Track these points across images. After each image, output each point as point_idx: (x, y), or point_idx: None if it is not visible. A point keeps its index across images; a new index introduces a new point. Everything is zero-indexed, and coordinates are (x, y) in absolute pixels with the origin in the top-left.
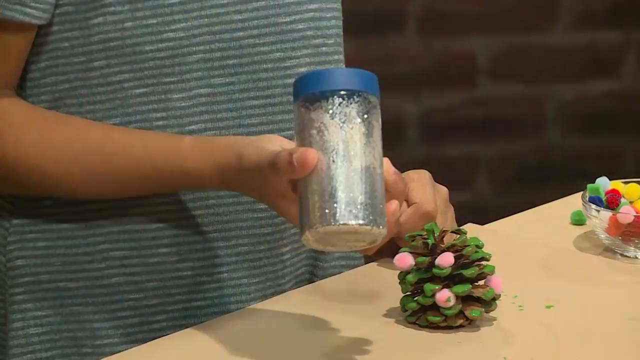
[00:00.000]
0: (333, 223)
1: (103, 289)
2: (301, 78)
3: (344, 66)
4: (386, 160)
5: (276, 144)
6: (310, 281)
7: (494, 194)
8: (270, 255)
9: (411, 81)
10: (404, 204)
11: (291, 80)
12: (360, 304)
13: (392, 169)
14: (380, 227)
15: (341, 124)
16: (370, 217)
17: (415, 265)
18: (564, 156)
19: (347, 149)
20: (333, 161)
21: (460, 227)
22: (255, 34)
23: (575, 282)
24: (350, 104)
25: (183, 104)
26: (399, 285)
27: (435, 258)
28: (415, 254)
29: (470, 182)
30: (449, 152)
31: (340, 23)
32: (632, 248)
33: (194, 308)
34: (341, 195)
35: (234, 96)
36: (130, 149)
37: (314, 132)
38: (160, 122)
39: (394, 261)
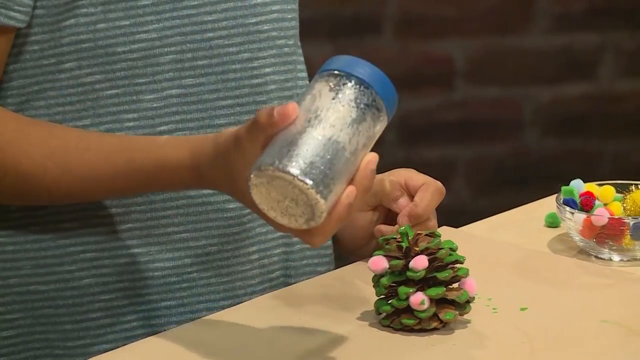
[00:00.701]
0: (282, 169)
1: (73, 290)
2: (332, 57)
3: (303, 67)
4: (373, 155)
5: None
6: (287, 283)
7: (472, 196)
8: (237, 254)
9: None
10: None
11: (258, 81)
12: (334, 308)
13: (372, 166)
14: (323, 200)
15: (334, 97)
16: (319, 185)
17: (389, 268)
18: (541, 158)
19: (327, 118)
20: (309, 121)
21: (434, 230)
22: (225, 35)
23: (549, 285)
24: (354, 89)
25: (154, 105)
26: (373, 289)
27: (409, 261)
28: (389, 257)
29: (448, 185)
30: (426, 154)
31: (298, 24)
32: (607, 250)
33: (164, 308)
34: (302, 150)
35: (204, 97)
36: (105, 144)
37: (309, 96)
38: (132, 123)
39: (368, 264)
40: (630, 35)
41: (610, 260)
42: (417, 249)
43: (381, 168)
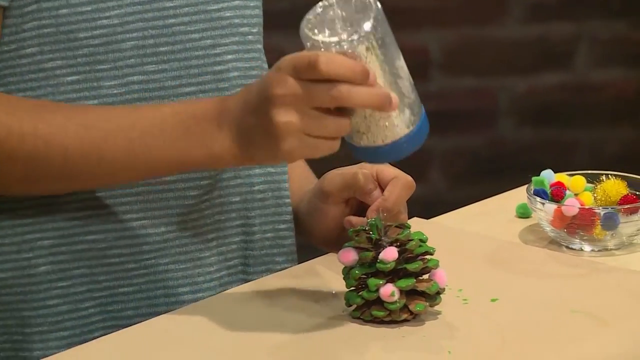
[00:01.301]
0: None
1: (31, 278)
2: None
3: (264, 58)
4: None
5: None
6: (245, 272)
7: (448, 187)
8: (196, 241)
9: None
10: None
11: (220, 67)
12: (304, 300)
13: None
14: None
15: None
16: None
17: (359, 260)
18: (517, 149)
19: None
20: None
21: (404, 222)
22: (187, 21)
23: (520, 275)
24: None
25: (115, 91)
26: (343, 281)
27: (379, 253)
28: (358, 249)
29: (424, 176)
30: None
31: (261, 13)
32: (577, 240)
33: (121, 294)
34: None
35: (166, 83)
36: (116, 116)
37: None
38: None
39: (338, 256)
40: (605, 25)
41: (581, 250)
42: (386, 240)
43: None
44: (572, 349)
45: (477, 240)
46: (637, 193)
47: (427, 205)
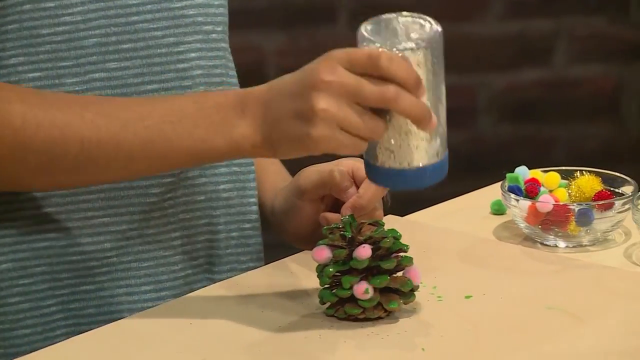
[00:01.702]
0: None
1: None
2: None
3: (230, 57)
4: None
5: None
6: (210, 271)
7: None
8: (159, 240)
9: None
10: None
11: (183, 65)
12: (279, 298)
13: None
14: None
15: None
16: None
17: (333, 258)
18: (496, 145)
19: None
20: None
21: (378, 219)
22: (150, 19)
23: (494, 272)
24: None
25: (77, 89)
26: (317, 278)
27: (353, 250)
28: (332, 246)
29: None
30: None
31: (226, 12)
32: (552, 237)
33: (83, 292)
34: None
35: (129, 80)
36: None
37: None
38: None
39: (312, 254)
40: (584, 21)
41: (556, 246)
42: (360, 238)
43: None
44: (547, 345)
45: (452, 237)
46: (612, 189)
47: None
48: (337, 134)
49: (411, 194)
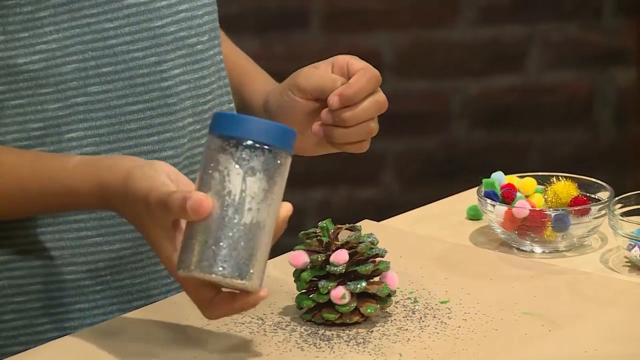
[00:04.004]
0: (209, 273)
1: None
2: (221, 114)
3: (221, 58)
4: (287, 206)
5: (164, 174)
6: None
7: (401, 190)
8: (151, 256)
9: None
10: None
11: (168, 83)
12: None
13: (287, 219)
14: (255, 285)
15: (244, 175)
16: (246, 274)
17: (309, 263)
18: (470, 151)
19: (243, 202)
20: (225, 211)
21: (355, 224)
22: (129, 40)
23: (471, 277)
24: (258, 156)
25: (60, 113)
26: (294, 283)
27: (330, 255)
28: (309, 251)
29: (377, 178)
30: None
31: (214, 17)
32: (528, 242)
33: (77, 311)
34: (223, 248)
35: (112, 103)
36: (18, 170)
37: (217, 174)
38: (38, 132)
39: (289, 259)
40: (557, 27)
41: (532, 252)
42: (337, 243)
43: (312, 162)
44: (524, 350)
45: (428, 242)
46: (588, 195)
47: (381, 207)
48: None
49: (385, 199)
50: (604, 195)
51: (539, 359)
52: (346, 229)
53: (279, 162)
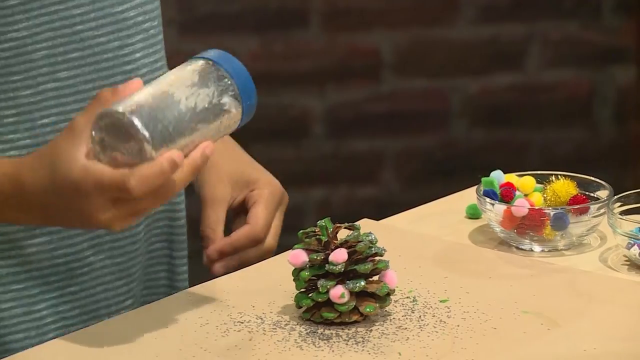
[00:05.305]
0: (121, 110)
1: None
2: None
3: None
4: (211, 144)
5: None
6: (170, 256)
7: (400, 188)
8: (126, 235)
9: (315, 77)
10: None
11: (130, 67)
12: (254, 302)
13: (208, 151)
14: (150, 143)
15: (183, 67)
16: (149, 125)
17: (308, 262)
18: (469, 149)
19: (167, 76)
20: (152, 83)
21: (354, 223)
22: (94, 26)
23: (470, 276)
24: (205, 64)
25: (32, 100)
26: (293, 282)
27: (329, 254)
28: (308, 250)
29: (376, 177)
30: (355, 147)
31: (159, 5)
32: (527, 241)
33: (69, 294)
34: (138, 97)
35: (80, 87)
36: None
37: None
38: (12, 119)
39: (288, 258)
40: (557, 26)
41: (531, 251)
42: (336, 242)
43: (311, 161)
44: (523, 349)
45: (427, 241)
46: (587, 193)
47: (380, 206)
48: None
49: (384, 198)
50: (603, 194)
51: (538, 358)
52: (345, 228)
53: (222, 82)
